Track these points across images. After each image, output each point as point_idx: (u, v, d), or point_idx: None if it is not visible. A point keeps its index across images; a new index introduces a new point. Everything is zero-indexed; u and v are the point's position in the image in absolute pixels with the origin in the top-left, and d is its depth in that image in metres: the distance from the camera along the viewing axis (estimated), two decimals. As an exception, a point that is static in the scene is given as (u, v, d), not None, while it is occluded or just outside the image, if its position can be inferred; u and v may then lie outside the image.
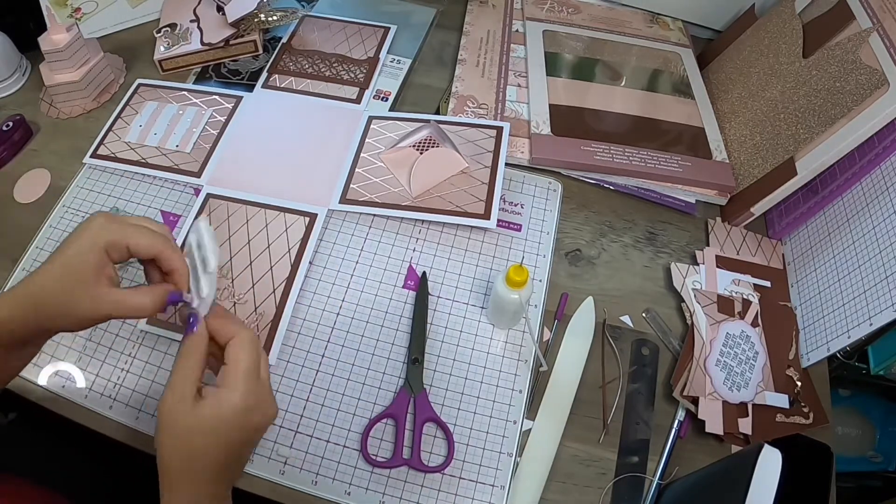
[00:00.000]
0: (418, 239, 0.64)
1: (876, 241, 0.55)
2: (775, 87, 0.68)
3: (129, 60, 0.79)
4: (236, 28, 0.76)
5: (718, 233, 0.66)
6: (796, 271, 0.63)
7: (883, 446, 0.84)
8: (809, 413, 0.55)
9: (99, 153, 0.69)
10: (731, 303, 0.60)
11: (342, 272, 0.61)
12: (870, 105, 0.56)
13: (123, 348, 0.56)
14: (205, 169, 0.67)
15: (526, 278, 0.51)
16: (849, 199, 0.59)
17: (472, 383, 0.56)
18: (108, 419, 0.53)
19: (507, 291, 0.52)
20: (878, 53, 0.58)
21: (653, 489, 0.52)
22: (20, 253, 0.62)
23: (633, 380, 0.57)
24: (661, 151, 0.69)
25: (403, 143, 0.67)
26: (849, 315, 0.54)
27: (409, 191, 0.64)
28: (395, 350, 0.57)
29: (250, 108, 0.73)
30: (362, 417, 0.54)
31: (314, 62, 0.78)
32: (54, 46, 0.69)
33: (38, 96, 0.75)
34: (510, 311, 0.55)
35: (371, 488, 0.51)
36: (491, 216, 0.62)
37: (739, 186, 0.67)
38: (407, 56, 0.80)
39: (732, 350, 0.57)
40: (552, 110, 0.72)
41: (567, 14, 0.86)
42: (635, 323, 0.61)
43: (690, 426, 0.55)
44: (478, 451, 0.53)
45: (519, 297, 0.52)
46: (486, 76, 0.77)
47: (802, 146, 0.61)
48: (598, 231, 0.67)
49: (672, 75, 0.78)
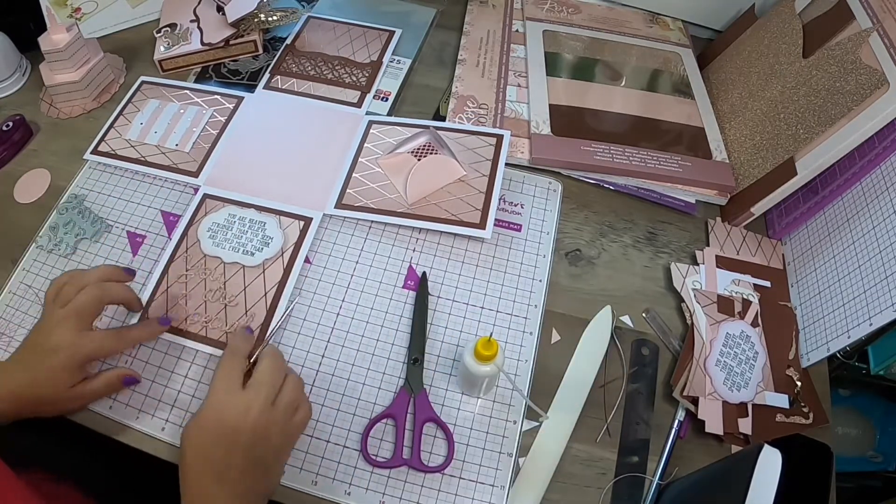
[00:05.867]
0: (418, 239, 0.64)
1: (876, 241, 0.55)
2: (775, 87, 0.68)
3: (129, 60, 0.79)
4: (236, 28, 0.76)
5: (718, 233, 0.66)
6: (796, 271, 0.63)
7: (883, 446, 0.84)
8: (809, 413, 0.55)
9: (100, 150, 0.69)
10: (731, 303, 0.60)
11: (342, 272, 0.61)
12: (870, 105, 0.56)
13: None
14: (203, 169, 0.67)
15: (495, 352, 0.48)
16: (849, 199, 0.59)
17: (472, 383, 0.56)
18: (108, 419, 0.53)
19: (476, 365, 0.49)
20: (878, 53, 0.58)
21: (653, 489, 0.52)
22: (20, 253, 0.62)
23: (633, 380, 0.57)
24: (661, 151, 0.69)
25: (402, 148, 0.67)
26: (849, 315, 0.54)
27: (406, 197, 0.64)
28: (395, 350, 0.57)
29: (251, 108, 0.73)
30: (362, 417, 0.54)
31: (317, 64, 0.78)
32: (54, 46, 0.69)
33: (38, 96, 0.75)
34: (480, 384, 0.52)
35: (371, 488, 0.51)
36: (486, 226, 0.61)
37: (739, 186, 0.67)
38: (407, 56, 0.80)
39: (732, 350, 0.57)
40: (552, 110, 0.72)
41: (567, 14, 0.86)
42: (635, 323, 0.61)
43: (690, 426, 0.55)
44: (478, 451, 0.53)
45: (490, 369, 0.49)
46: (486, 76, 0.77)
47: (802, 146, 0.61)
48: (598, 231, 0.67)
49: (672, 75, 0.78)
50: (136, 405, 0.54)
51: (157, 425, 0.53)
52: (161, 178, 0.67)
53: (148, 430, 0.53)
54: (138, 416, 0.53)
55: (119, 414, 0.53)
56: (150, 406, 0.54)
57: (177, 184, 0.67)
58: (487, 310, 0.60)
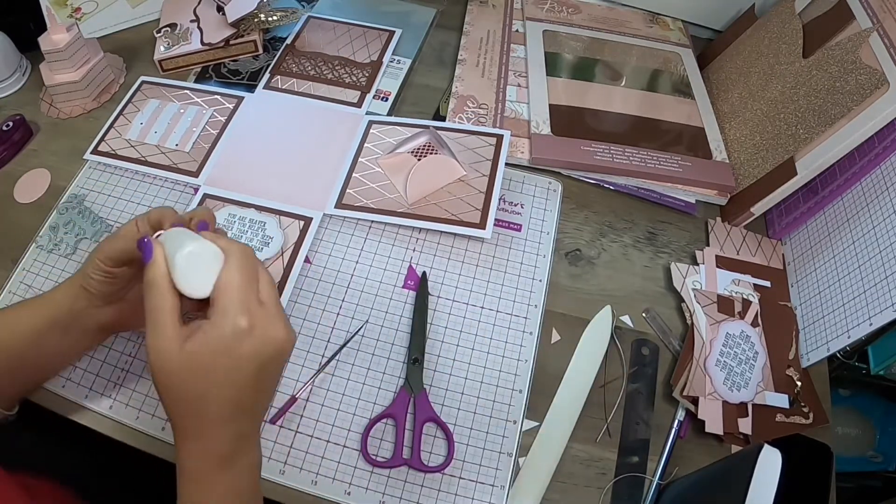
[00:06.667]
0: (418, 239, 0.64)
1: (876, 241, 0.55)
2: (775, 88, 0.68)
3: (129, 60, 0.79)
4: (236, 28, 0.76)
5: (718, 233, 0.66)
6: (796, 271, 0.63)
7: (883, 446, 0.84)
8: (809, 413, 0.55)
9: (100, 150, 0.69)
10: (731, 303, 0.60)
11: (342, 272, 0.61)
12: (870, 105, 0.56)
13: (123, 348, 0.56)
14: (203, 169, 0.67)
15: None
16: (849, 199, 0.59)
17: (472, 383, 0.56)
18: (108, 419, 0.53)
19: None
20: (878, 53, 0.58)
21: (653, 489, 0.52)
22: (20, 253, 0.62)
23: (633, 380, 0.57)
24: (661, 151, 0.69)
25: (402, 148, 0.67)
26: (849, 315, 0.54)
27: (406, 197, 0.64)
28: (395, 350, 0.57)
29: (251, 108, 0.73)
30: (362, 417, 0.54)
31: (317, 64, 0.78)
32: (54, 46, 0.69)
33: (38, 96, 0.75)
34: None
35: (371, 488, 0.51)
36: (486, 226, 0.61)
37: (739, 186, 0.67)
38: (407, 56, 0.80)
39: (732, 350, 0.57)
40: (552, 110, 0.72)
41: (567, 14, 0.86)
42: (635, 323, 0.61)
43: (690, 426, 0.55)
44: (478, 451, 0.53)
45: None
46: (486, 76, 0.77)
47: (802, 146, 0.61)
48: (598, 231, 0.67)
49: (672, 75, 0.78)
50: (136, 405, 0.54)
51: (158, 425, 0.53)
52: (161, 178, 0.67)
53: (148, 429, 0.53)
54: (138, 416, 0.53)
55: (119, 413, 0.53)
56: (150, 406, 0.54)
57: (177, 184, 0.67)
58: (487, 310, 0.60)
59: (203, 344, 0.36)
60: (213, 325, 0.36)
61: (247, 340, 0.36)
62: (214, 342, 0.36)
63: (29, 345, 0.46)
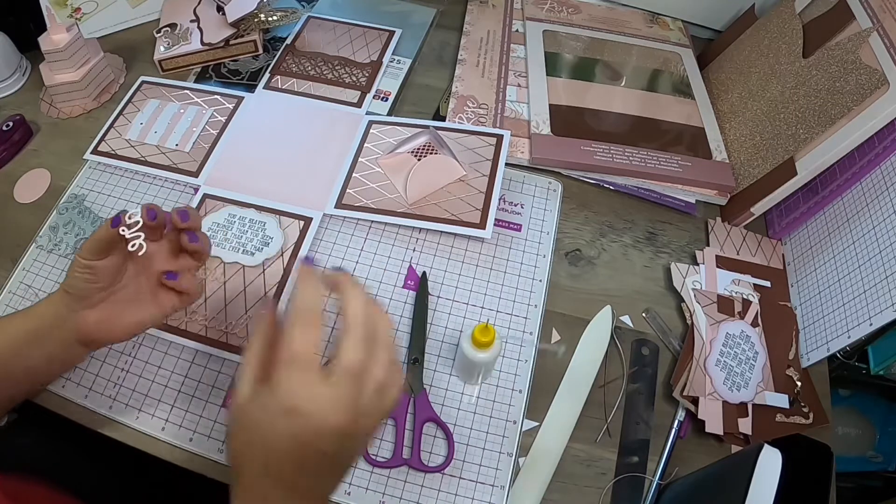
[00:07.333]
0: (418, 239, 0.64)
1: (876, 241, 0.55)
2: (775, 87, 0.68)
3: (129, 60, 0.79)
4: (236, 28, 0.76)
5: (718, 233, 0.66)
6: (796, 271, 0.63)
7: (883, 446, 0.84)
8: (809, 413, 0.55)
9: (99, 150, 0.69)
10: (731, 303, 0.60)
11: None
12: (870, 105, 0.56)
13: (123, 348, 0.56)
14: (203, 169, 0.67)
15: (492, 339, 0.48)
16: (849, 199, 0.59)
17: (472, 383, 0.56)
18: (108, 419, 0.53)
19: (474, 352, 0.49)
20: (878, 53, 0.58)
21: (653, 489, 0.52)
22: (20, 253, 0.62)
23: (633, 380, 0.57)
24: (661, 151, 0.69)
25: (402, 148, 0.67)
26: (849, 315, 0.54)
27: (406, 197, 0.64)
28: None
29: (251, 108, 0.73)
30: (362, 417, 0.54)
31: (317, 64, 0.78)
32: (54, 46, 0.69)
33: (38, 96, 0.75)
34: (477, 371, 0.53)
35: (371, 488, 0.51)
36: (486, 226, 0.61)
37: (739, 186, 0.67)
38: (407, 56, 0.80)
39: (732, 350, 0.57)
40: (552, 110, 0.72)
41: (567, 14, 0.86)
42: (635, 323, 0.61)
43: (690, 426, 0.55)
44: (478, 451, 0.53)
45: (487, 356, 0.49)
46: (486, 76, 0.77)
47: (802, 146, 0.61)
48: (598, 231, 0.67)
49: (672, 75, 0.78)
50: (136, 405, 0.54)
51: (158, 425, 0.53)
52: (161, 178, 0.67)
53: (148, 430, 0.53)
54: (138, 416, 0.53)
55: (119, 413, 0.53)
56: (150, 406, 0.54)
57: (177, 184, 0.67)
58: (487, 310, 0.60)
59: (267, 396, 0.37)
60: (270, 384, 0.37)
61: (296, 418, 0.35)
62: (267, 404, 0.36)
63: (10, 356, 0.47)
